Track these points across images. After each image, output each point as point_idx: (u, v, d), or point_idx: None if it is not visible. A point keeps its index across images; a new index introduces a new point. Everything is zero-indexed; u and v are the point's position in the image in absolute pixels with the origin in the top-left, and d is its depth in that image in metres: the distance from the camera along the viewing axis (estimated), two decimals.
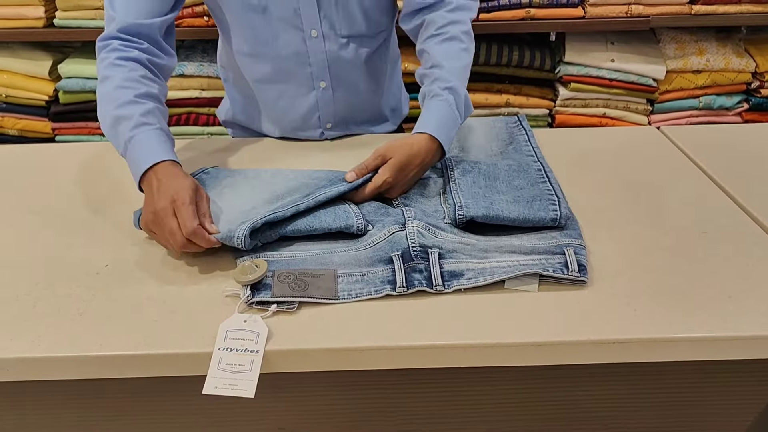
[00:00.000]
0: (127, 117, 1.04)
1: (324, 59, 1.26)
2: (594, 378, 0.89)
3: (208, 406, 0.90)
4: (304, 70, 1.27)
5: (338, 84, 1.30)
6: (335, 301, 0.83)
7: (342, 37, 1.25)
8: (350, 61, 1.28)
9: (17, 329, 0.80)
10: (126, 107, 1.05)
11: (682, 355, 0.79)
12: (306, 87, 1.29)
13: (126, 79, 1.08)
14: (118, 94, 1.06)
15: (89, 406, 0.88)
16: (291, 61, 1.25)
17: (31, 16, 2.00)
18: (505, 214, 0.94)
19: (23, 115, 2.15)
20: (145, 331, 0.80)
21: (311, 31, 1.22)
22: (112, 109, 1.05)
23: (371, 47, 1.29)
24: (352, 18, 1.23)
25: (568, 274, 0.85)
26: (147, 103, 1.07)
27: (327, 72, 1.27)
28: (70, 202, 1.10)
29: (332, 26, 1.23)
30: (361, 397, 0.90)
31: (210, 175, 1.10)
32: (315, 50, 1.24)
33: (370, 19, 1.25)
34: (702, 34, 2.11)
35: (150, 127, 1.04)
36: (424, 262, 0.88)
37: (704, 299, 0.83)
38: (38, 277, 0.90)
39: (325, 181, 1.04)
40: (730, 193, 1.09)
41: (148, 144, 1.02)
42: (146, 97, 1.08)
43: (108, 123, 1.06)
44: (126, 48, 1.11)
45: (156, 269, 0.91)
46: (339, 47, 1.25)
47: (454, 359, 0.78)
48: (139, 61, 1.12)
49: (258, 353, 0.76)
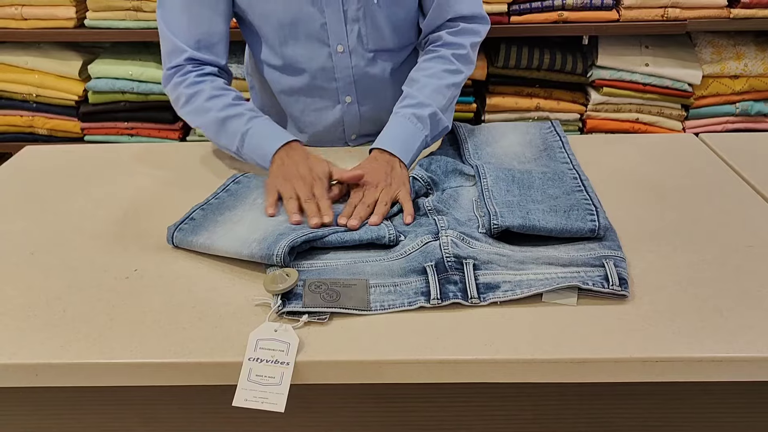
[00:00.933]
0: (235, 115, 1.14)
1: (350, 74, 1.26)
2: (632, 396, 0.86)
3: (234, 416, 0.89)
4: (329, 85, 1.27)
5: (364, 99, 1.29)
6: (368, 313, 0.81)
7: (369, 52, 1.25)
8: (376, 75, 1.27)
9: (47, 334, 0.80)
10: (229, 109, 1.14)
11: (728, 375, 0.76)
12: (331, 101, 1.29)
13: (214, 89, 1.17)
14: (214, 103, 1.15)
15: (115, 413, 0.88)
16: (317, 75, 1.26)
17: (62, 17, 2.02)
18: (542, 224, 0.91)
19: (53, 115, 2.17)
20: (175, 338, 0.79)
21: (337, 47, 1.22)
22: (215, 113, 1.14)
23: (398, 61, 1.29)
24: (380, 32, 1.23)
25: (609, 288, 0.82)
26: (245, 103, 1.17)
27: (353, 87, 1.27)
28: (99, 206, 1.10)
29: (359, 41, 1.23)
30: (389, 411, 0.88)
31: (241, 185, 1.08)
32: (341, 65, 1.25)
33: (398, 32, 1.25)
34: (740, 38, 2.06)
35: (262, 118, 1.15)
36: (458, 273, 0.85)
37: (750, 317, 0.80)
38: (68, 282, 0.89)
39: None
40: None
41: (271, 129, 1.13)
42: (240, 99, 1.17)
43: (213, 128, 1.15)
44: (198, 68, 1.19)
45: (185, 274, 0.90)
46: (366, 62, 1.25)
47: (489, 375, 0.76)
48: (214, 74, 1.21)
49: (288, 365, 0.74)
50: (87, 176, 1.21)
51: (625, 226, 0.98)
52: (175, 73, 1.19)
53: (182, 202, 1.07)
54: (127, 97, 2.12)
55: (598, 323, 0.79)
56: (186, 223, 0.97)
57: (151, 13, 2.02)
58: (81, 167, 1.24)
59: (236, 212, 1.00)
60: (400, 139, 1.14)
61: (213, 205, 1.01)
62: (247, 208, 1.01)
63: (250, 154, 1.13)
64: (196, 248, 0.94)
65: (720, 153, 1.25)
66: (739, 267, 0.90)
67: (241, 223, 0.97)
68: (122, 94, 2.12)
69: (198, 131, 2.19)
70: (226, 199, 1.03)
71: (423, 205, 1.03)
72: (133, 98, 2.12)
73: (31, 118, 2.17)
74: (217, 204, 1.02)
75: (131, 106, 2.14)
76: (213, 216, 0.99)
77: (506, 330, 0.78)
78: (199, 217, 0.98)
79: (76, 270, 0.92)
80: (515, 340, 0.77)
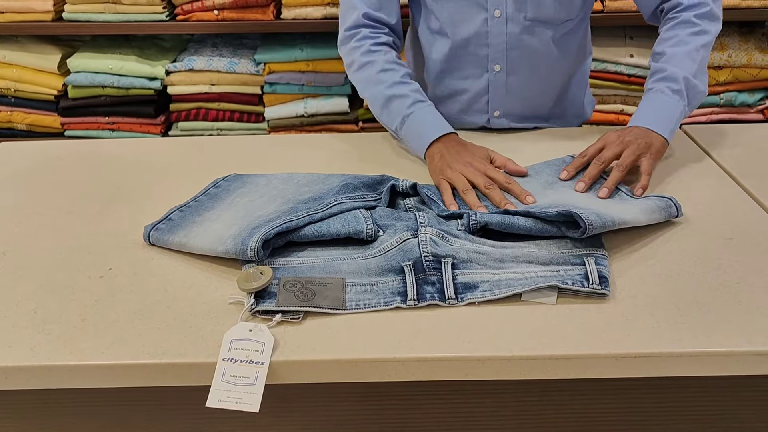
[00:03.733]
0: (401, 96, 1.17)
1: (503, 42, 1.23)
2: (613, 392, 0.85)
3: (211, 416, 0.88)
4: (481, 51, 1.25)
5: (513, 69, 1.27)
6: (342, 312, 0.80)
7: (527, 20, 1.22)
8: (530, 46, 1.24)
9: (17, 336, 0.78)
10: (397, 87, 1.18)
11: (708, 370, 0.75)
12: (480, 68, 1.27)
13: (387, 62, 1.21)
14: (384, 77, 1.19)
15: (88, 414, 0.86)
16: (471, 41, 1.24)
17: (40, 9, 1.99)
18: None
19: (32, 110, 2.14)
20: (149, 338, 0.77)
21: (495, 11, 1.21)
22: (383, 89, 1.19)
23: (555, 35, 1.25)
24: (539, 1, 1.20)
25: (588, 287, 0.81)
26: (413, 83, 1.21)
27: (504, 55, 1.25)
28: (75, 203, 1.08)
29: (518, 7, 1.21)
30: (367, 410, 0.88)
31: (221, 188, 1.06)
32: (495, 31, 1.22)
33: (560, 3, 1.21)
34: (724, 28, 2.05)
35: (425, 104, 1.18)
36: (436, 273, 0.84)
37: (730, 311, 0.80)
38: (39, 282, 0.88)
39: (339, 186, 1.01)
40: (756, 196, 1.05)
41: (431, 118, 1.16)
42: (409, 77, 1.21)
43: (379, 103, 1.20)
44: (375, 35, 1.23)
45: (160, 273, 0.89)
46: (521, 30, 1.22)
47: (468, 372, 0.75)
48: (389, 44, 1.25)
49: (263, 365, 0.73)
50: (63, 173, 1.19)
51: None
52: (352, 37, 1.23)
53: (161, 198, 1.06)
54: (107, 91, 2.10)
55: (578, 319, 0.78)
56: (163, 223, 0.95)
57: (130, 6, 1.99)
58: (57, 163, 1.22)
59: (214, 212, 0.98)
60: (657, 113, 1.12)
61: (192, 207, 1.00)
62: (225, 208, 0.99)
63: (407, 138, 1.18)
64: (173, 246, 0.92)
65: (703, 145, 1.24)
66: (719, 260, 0.89)
67: (219, 221, 0.95)
68: (102, 88, 2.09)
69: (180, 126, 2.17)
70: (205, 201, 1.02)
71: (404, 203, 1.02)
72: (114, 92, 2.10)
73: (9, 113, 2.14)
74: (196, 207, 1.00)
75: (112, 100, 2.11)
76: (191, 217, 0.97)
77: (485, 327, 0.78)
78: (177, 218, 0.97)
79: (48, 269, 0.90)
80: (494, 337, 0.76)
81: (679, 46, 1.16)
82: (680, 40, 1.17)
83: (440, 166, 1.08)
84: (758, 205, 1.03)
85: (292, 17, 2.02)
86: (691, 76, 1.14)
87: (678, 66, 1.14)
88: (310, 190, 1.01)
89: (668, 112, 1.13)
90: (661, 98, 1.13)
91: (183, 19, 2.03)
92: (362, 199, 0.99)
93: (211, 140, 1.35)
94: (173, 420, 0.87)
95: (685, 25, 1.18)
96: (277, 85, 2.11)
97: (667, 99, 1.13)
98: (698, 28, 1.17)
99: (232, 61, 2.09)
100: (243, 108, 2.15)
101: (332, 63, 2.07)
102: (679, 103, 1.13)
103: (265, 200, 0.99)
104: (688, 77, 1.13)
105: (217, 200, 1.02)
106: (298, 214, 0.92)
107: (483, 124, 1.33)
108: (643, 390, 0.85)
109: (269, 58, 2.08)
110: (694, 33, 1.17)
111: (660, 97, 1.14)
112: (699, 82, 1.15)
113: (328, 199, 0.97)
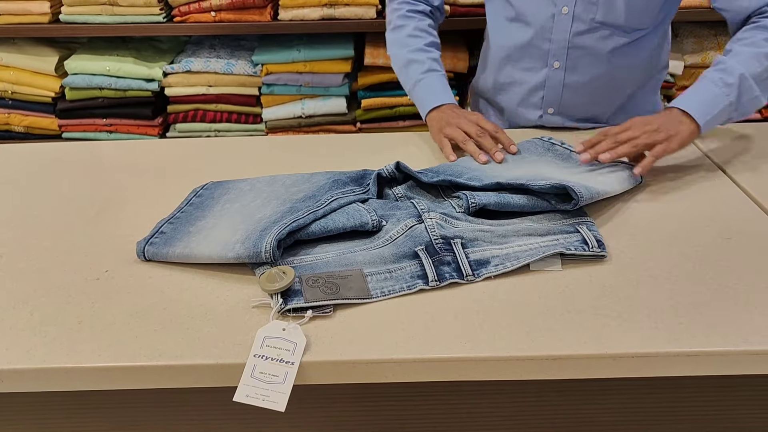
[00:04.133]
0: (418, 61, 1.28)
1: (566, 39, 1.23)
2: (610, 391, 0.85)
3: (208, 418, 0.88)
4: (543, 46, 1.26)
5: (573, 68, 1.26)
6: (370, 300, 0.82)
7: (594, 22, 1.21)
8: (593, 48, 1.24)
9: (13, 339, 0.78)
10: (418, 53, 1.29)
11: (705, 369, 0.75)
12: (540, 62, 1.28)
13: (416, 29, 1.31)
14: (410, 41, 1.30)
15: (86, 417, 0.86)
16: (536, 32, 1.25)
17: (36, 12, 1.98)
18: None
19: (30, 112, 2.13)
20: (146, 340, 0.77)
21: (563, 8, 1.21)
22: (406, 53, 1.30)
23: (622, 42, 1.23)
24: (613, 4, 1.19)
25: (589, 250, 0.87)
26: (434, 51, 1.31)
27: (565, 53, 1.25)
28: (71, 205, 1.08)
29: (586, 8, 1.20)
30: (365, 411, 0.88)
31: (203, 197, 1.05)
32: (559, 28, 1.23)
33: (631, 10, 1.20)
34: (721, 28, 2.06)
35: (437, 74, 1.28)
36: (449, 253, 0.87)
37: (728, 311, 0.79)
38: (36, 284, 0.87)
39: (329, 183, 1.01)
40: (755, 197, 1.05)
41: (436, 87, 1.26)
42: (433, 46, 1.32)
43: (400, 63, 1.31)
44: (415, 2, 1.34)
45: (157, 275, 0.89)
46: (586, 30, 1.22)
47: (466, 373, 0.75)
48: (425, 13, 1.34)
49: (293, 365, 0.73)
50: (60, 175, 1.18)
51: (602, 220, 0.98)
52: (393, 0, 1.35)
53: (158, 199, 1.06)
54: (104, 93, 2.09)
55: (575, 319, 0.78)
56: (156, 237, 0.94)
57: (127, 8, 1.99)
58: (54, 165, 1.22)
59: (208, 220, 0.97)
60: (699, 98, 1.08)
61: (180, 218, 0.99)
62: (218, 215, 0.98)
63: (415, 100, 1.30)
64: (173, 259, 0.91)
65: (699, 144, 1.24)
66: (717, 260, 0.89)
67: (217, 228, 0.94)
68: (100, 90, 2.09)
69: (178, 127, 2.17)
70: (193, 211, 1.01)
71: (393, 192, 1.03)
72: (111, 94, 2.09)
73: (7, 115, 2.13)
74: (185, 217, 0.99)
75: (109, 102, 2.11)
76: (184, 227, 0.96)
77: (482, 327, 0.77)
78: (169, 230, 0.96)
79: (45, 272, 0.90)
80: (491, 337, 0.76)
81: (749, 47, 1.10)
82: (753, 41, 1.10)
83: (438, 126, 1.21)
84: (756, 205, 1.03)
85: (290, 18, 2.02)
86: (750, 76, 1.08)
87: (740, 63, 1.08)
88: (300, 189, 1.01)
89: (711, 101, 1.07)
90: (709, 86, 1.09)
91: (180, 20, 2.03)
92: (353, 193, 1.00)
93: (209, 142, 1.35)
94: (171, 420, 0.87)
95: (764, 29, 1.11)
96: (275, 86, 2.11)
97: (715, 88, 1.08)
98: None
99: (229, 63, 2.09)
100: (240, 109, 2.15)
101: (330, 64, 2.07)
102: (727, 97, 1.07)
103: (258, 203, 0.99)
104: (746, 76, 1.07)
105: (206, 209, 1.01)
106: (300, 213, 0.92)
107: (536, 121, 1.33)
108: (640, 390, 0.85)
109: (267, 59, 2.07)
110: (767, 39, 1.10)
111: (708, 85, 1.09)
112: (758, 86, 1.09)
113: (323, 196, 0.97)
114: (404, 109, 2.12)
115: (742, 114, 1.10)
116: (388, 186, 1.05)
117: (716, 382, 0.83)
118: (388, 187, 1.05)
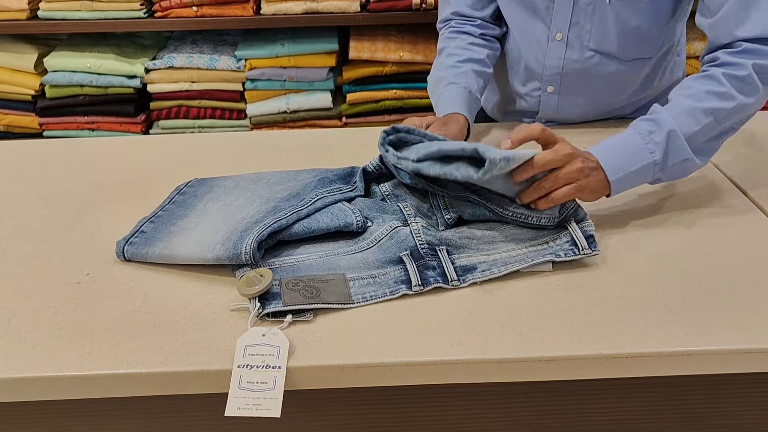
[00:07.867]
0: (443, 78, 1.22)
1: (559, 66, 1.21)
2: (602, 391, 0.84)
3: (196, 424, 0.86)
4: (536, 69, 1.24)
5: (568, 92, 1.25)
6: (350, 306, 0.79)
7: (588, 50, 1.18)
8: (587, 74, 1.21)
9: None
10: (445, 70, 1.23)
11: (698, 368, 0.74)
12: (534, 82, 1.26)
13: (456, 47, 1.25)
14: (445, 61, 1.25)
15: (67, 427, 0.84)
16: (530, 54, 1.23)
17: (14, 8, 1.95)
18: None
19: (9, 110, 2.10)
20: (128, 347, 0.75)
21: (556, 33, 1.18)
22: (437, 71, 1.25)
23: (617, 69, 1.20)
24: (605, 33, 1.16)
25: (580, 254, 0.84)
26: (463, 66, 1.23)
27: (559, 79, 1.23)
28: (50, 205, 1.05)
29: (579, 35, 1.17)
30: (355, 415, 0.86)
31: (187, 195, 1.02)
32: (553, 54, 1.20)
33: (625, 39, 1.16)
34: None
35: (455, 86, 1.20)
36: (434, 259, 0.85)
37: (721, 309, 0.79)
38: (13, 289, 0.85)
39: (315, 181, 0.99)
40: (744, 188, 1.05)
41: (447, 99, 1.19)
42: (467, 62, 1.23)
43: (431, 84, 1.27)
44: (460, 24, 1.28)
45: (139, 278, 0.87)
46: (580, 58, 1.19)
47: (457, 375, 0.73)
48: (471, 33, 1.26)
49: (281, 369, 0.72)
50: (39, 174, 1.16)
51: (593, 217, 0.96)
52: (443, 27, 1.31)
53: (142, 199, 1.03)
54: (86, 90, 2.06)
55: (566, 320, 0.77)
56: (136, 237, 0.92)
57: (107, 3, 1.96)
58: (33, 164, 1.19)
59: (189, 219, 0.95)
60: (617, 150, 0.92)
61: (162, 217, 0.96)
62: (200, 214, 0.96)
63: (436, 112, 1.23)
64: (153, 259, 0.89)
65: None
66: (709, 256, 0.88)
67: (198, 228, 0.92)
68: (81, 87, 2.05)
69: (161, 124, 2.14)
70: (175, 210, 0.98)
71: (379, 190, 1.01)
72: (93, 91, 2.06)
73: None
74: (167, 216, 0.97)
75: (91, 99, 2.08)
76: (165, 227, 0.94)
77: (473, 330, 0.76)
78: (149, 229, 0.93)
79: (23, 276, 0.88)
80: (483, 339, 0.75)
81: (688, 99, 0.95)
82: (693, 93, 0.95)
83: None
84: (749, 200, 1.02)
85: (273, 12, 2.00)
86: (683, 134, 0.93)
87: (675, 117, 0.93)
88: (284, 188, 0.99)
89: (630, 158, 0.92)
90: (634, 138, 0.93)
91: (161, 16, 2.00)
92: (339, 191, 0.98)
93: (193, 138, 1.32)
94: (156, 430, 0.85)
95: (709, 80, 0.96)
96: (259, 81, 2.08)
97: (640, 142, 0.93)
98: (722, 90, 0.94)
99: (212, 58, 2.06)
100: (224, 105, 2.12)
101: (314, 58, 2.05)
102: (651, 155, 0.92)
103: (241, 202, 0.97)
104: (678, 134, 0.92)
105: (188, 207, 0.99)
106: (283, 213, 0.90)
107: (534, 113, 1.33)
108: (632, 389, 0.84)
109: (250, 54, 2.05)
110: (714, 93, 0.95)
111: (633, 136, 0.94)
112: (691, 147, 0.93)
113: (308, 194, 0.95)
114: (390, 102, 2.10)
115: (671, 177, 0.96)
116: (375, 182, 1.03)
117: (710, 381, 0.83)
118: (375, 183, 1.03)
